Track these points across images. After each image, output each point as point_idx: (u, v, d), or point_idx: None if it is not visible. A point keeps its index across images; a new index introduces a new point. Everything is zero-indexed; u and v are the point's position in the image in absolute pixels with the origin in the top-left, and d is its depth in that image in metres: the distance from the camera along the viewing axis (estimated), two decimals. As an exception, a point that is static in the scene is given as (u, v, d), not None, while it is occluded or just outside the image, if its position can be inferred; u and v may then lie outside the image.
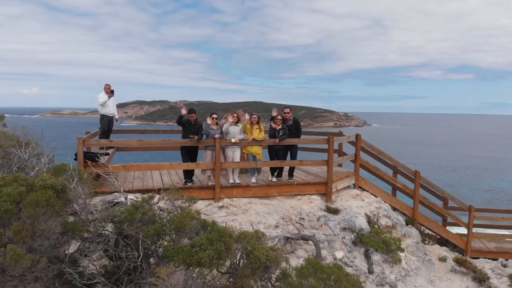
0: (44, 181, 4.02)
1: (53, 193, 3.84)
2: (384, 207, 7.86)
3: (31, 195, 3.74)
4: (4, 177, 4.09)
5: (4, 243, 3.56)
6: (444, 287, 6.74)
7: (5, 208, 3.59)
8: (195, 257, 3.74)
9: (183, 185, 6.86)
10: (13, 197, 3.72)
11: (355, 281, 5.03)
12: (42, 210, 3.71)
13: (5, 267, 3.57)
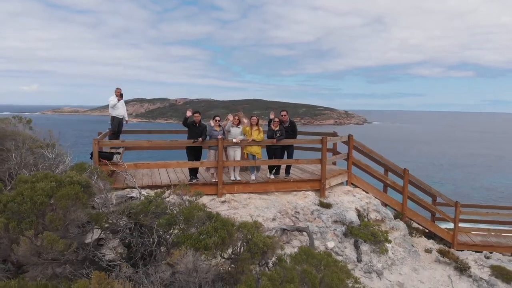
0: (71, 177, 4.63)
1: (80, 188, 4.45)
2: (374, 202, 8.48)
3: (62, 189, 4.35)
4: (36, 175, 4.70)
5: (40, 230, 4.18)
6: (427, 275, 7.37)
7: (41, 200, 4.21)
8: (202, 242, 4.35)
9: (189, 181, 7.48)
10: (46, 192, 4.33)
11: (342, 266, 5.66)
12: (71, 203, 4.33)
13: (41, 251, 4.19)
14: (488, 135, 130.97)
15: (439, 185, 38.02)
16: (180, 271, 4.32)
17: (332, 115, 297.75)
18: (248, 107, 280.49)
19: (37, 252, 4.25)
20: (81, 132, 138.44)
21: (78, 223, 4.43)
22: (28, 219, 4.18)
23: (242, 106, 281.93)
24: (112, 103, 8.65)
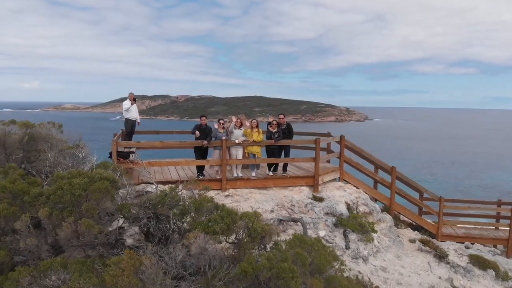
0: (101, 174, 5.51)
1: (109, 183, 5.34)
2: (363, 197, 9.37)
3: (94, 184, 5.24)
4: (71, 172, 5.58)
5: (78, 218, 5.06)
6: (409, 262, 8.25)
7: (78, 193, 5.09)
8: (211, 228, 5.24)
9: (196, 178, 8.37)
10: (82, 186, 5.22)
11: (330, 251, 6.56)
12: (102, 195, 5.22)
13: (79, 235, 5.07)
14: (487, 132, 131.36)
15: (439, 182, 38.98)
16: (193, 252, 5.22)
17: (333, 112, 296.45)
18: (249, 104, 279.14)
19: (76, 235, 5.14)
20: (84, 129, 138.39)
21: (107, 212, 5.31)
22: (68, 208, 5.07)
23: (244, 103, 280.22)
24: (126, 107, 9.53)
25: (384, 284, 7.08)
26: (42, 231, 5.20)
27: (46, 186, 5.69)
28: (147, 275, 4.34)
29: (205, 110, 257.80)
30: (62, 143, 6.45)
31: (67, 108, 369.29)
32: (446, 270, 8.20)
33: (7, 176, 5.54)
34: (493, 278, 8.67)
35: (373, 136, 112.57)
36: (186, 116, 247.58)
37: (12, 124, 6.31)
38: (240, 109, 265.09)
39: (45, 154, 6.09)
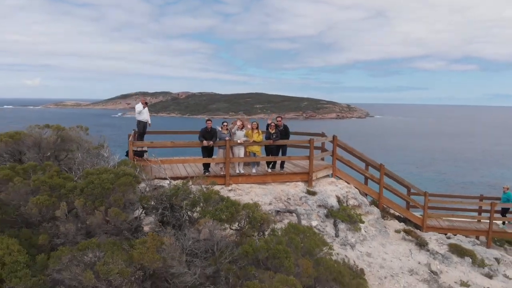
0: (124, 170, 6.50)
1: (132, 178, 6.32)
2: (352, 191, 10.35)
3: (120, 179, 6.23)
4: (99, 169, 6.57)
5: (107, 207, 6.06)
6: (392, 249, 9.24)
7: (107, 186, 6.08)
8: (218, 216, 6.22)
9: (203, 174, 9.36)
10: (109, 180, 6.20)
11: (320, 237, 7.57)
12: (127, 188, 6.21)
13: (109, 221, 6.06)
14: (487, 129, 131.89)
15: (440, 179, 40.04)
16: (203, 235, 6.20)
17: (334, 108, 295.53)
18: (250, 101, 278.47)
19: (105, 221, 6.14)
20: (89, 127, 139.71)
21: (130, 203, 6.30)
22: (99, 199, 6.05)
23: (244, 100, 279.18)
24: (139, 110, 10.52)
25: (368, 267, 8.07)
26: (76, 218, 6.19)
27: (77, 181, 6.67)
28: (167, 252, 5.34)
29: (206, 107, 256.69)
30: (88, 144, 7.43)
31: (68, 105, 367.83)
32: (425, 257, 9.20)
33: (45, 172, 6.52)
34: (469, 265, 9.67)
35: (374, 133, 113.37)
36: (187, 113, 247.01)
37: (46, 128, 7.29)
38: (241, 106, 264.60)
39: (74, 153, 7.08)
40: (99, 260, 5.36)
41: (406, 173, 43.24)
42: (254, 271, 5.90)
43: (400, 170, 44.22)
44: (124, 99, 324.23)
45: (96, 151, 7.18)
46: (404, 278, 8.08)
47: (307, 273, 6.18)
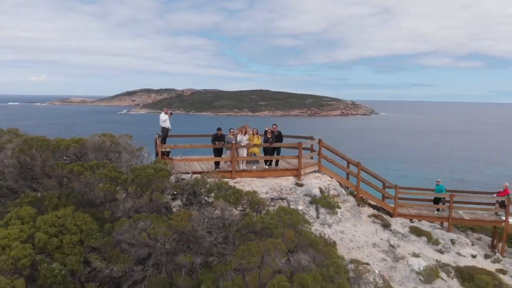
0: (161, 166, 9.13)
1: (167, 172, 8.95)
2: (333, 184, 12.91)
3: (159, 173, 8.86)
4: (143, 165, 9.21)
5: (151, 192, 8.69)
6: (362, 229, 11.80)
7: (151, 178, 8.72)
8: (227, 198, 8.83)
9: (214, 169, 11.97)
10: (152, 174, 8.85)
11: (302, 216, 10.14)
12: (164, 179, 8.84)
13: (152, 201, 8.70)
14: (489, 127, 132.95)
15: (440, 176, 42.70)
16: (218, 212, 8.81)
17: (339, 105, 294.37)
18: (254, 98, 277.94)
19: (150, 201, 8.77)
20: (98, 124, 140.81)
21: (165, 189, 8.93)
22: (145, 186, 8.67)
23: (249, 97, 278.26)
24: (164, 119, 13.17)
25: (340, 240, 10.64)
26: (129, 199, 8.82)
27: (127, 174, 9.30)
28: (194, 221, 7.97)
29: (211, 104, 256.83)
30: (132, 147, 10.04)
31: (74, 102, 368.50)
32: (388, 235, 11.75)
33: (105, 168, 9.14)
34: (425, 242, 12.22)
35: (376, 130, 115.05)
36: (192, 110, 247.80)
37: (103, 135, 9.90)
38: (245, 103, 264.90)
39: (121, 154, 9.73)
40: (147, 227, 8.01)
41: (405, 172, 45.75)
42: (253, 237, 8.52)
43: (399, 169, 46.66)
44: (129, 96, 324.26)
45: (138, 153, 9.83)
46: (367, 249, 10.65)
47: (290, 240, 8.78)
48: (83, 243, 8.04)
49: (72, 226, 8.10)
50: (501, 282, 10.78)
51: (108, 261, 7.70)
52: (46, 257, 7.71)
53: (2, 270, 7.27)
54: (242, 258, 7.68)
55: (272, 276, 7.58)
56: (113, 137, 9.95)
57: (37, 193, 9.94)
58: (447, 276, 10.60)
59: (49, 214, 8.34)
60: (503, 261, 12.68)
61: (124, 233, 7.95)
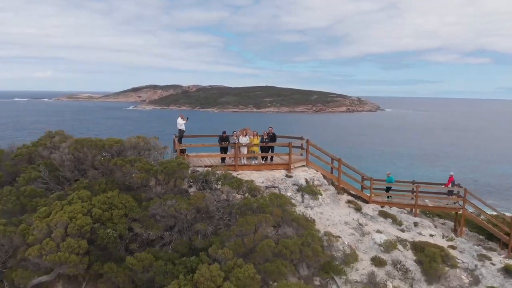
0: (182, 160, 12.20)
1: (187, 165, 12.02)
2: (317, 176, 15.88)
3: (180, 165, 11.93)
4: (168, 160, 12.28)
5: (175, 179, 11.76)
6: (338, 211, 14.77)
7: (175, 169, 11.80)
8: (231, 185, 11.88)
9: (221, 163, 15.00)
10: (175, 166, 11.92)
11: (289, 199, 13.17)
12: (184, 170, 11.91)
13: (176, 186, 11.77)
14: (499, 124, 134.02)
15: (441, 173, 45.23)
16: (224, 195, 11.85)
17: (345, 102, 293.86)
18: (260, 94, 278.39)
19: (174, 187, 11.84)
20: (107, 120, 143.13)
21: (185, 178, 12.00)
22: (171, 175, 11.73)
23: (254, 93, 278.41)
24: (181, 123, 16.27)
25: (319, 219, 13.62)
26: (159, 186, 11.90)
27: (156, 167, 12.36)
28: (207, 201, 11.03)
29: (216, 100, 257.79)
30: (158, 146, 13.11)
31: (80, 98, 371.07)
32: (358, 216, 14.73)
33: (140, 162, 12.20)
34: (390, 223, 15.17)
35: (378, 126, 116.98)
36: (197, 106, 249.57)
37: (138, 138, 12.98)
38: (251, 99, 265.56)
39: (150, 152, 12.82)
40: (174, 204, 11.08)
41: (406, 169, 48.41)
42: (250, 213, 11.53)
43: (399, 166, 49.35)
44: (135, 92, 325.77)
45: (163, 150, 12.92)
46: (340, 226, 13.64)
47: (278, 216, 11.79)
48: (127, 216, 11.15)
49: (119, 203, 11.21)
50: (448, 254, 13.69)
51: (146, 228, 10.81)
52: (101, 226, 10.81)
53: (70, 234, 10.41)
54: (241, 227, 10.77)
55: (262, 239, 10.65)
56: (145, 138, 13.04)
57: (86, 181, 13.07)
58: (403, 248, 13.57)
59: (100, 196, 11.46)
60: (456, 240, 15.62)
61: (156, 208, 11.05)
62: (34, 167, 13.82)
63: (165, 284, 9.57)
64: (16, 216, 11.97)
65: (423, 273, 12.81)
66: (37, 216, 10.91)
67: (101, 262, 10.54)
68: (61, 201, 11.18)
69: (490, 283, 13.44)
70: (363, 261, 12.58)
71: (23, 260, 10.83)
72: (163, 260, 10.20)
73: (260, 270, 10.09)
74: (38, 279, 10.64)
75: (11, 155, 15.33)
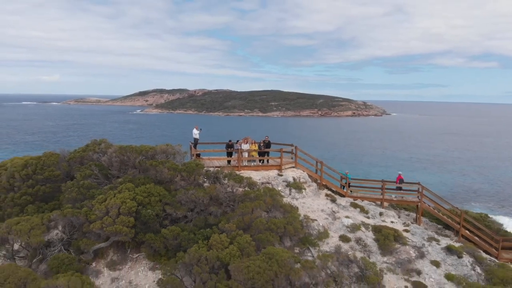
0: (199, 162, 16.69)
1: (202, 165, 16.50)
2: (303, 175, 20.26)
3: (198, 166, 16.42)
4: (189, 162, 16.78)
5: (194, 176, 16.23)
6: (318, 202, 19.09)
7: (194, 168, 16.29)
8: (235, 180, 16.31)
9: (227, 164, 19.44)
10: (194, 166, 16.41)
11: (278, 192, 17.63)
12: (201, 169, 16.40)
13: (194, 181, 16.24)
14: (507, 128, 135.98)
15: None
16: (229, 187, 16.28)
17: (350, 106, 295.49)
18: (266, 98, 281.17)
19: (194, 181, 16.30)
20: (117, 124, 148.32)
21: (201, 175, 16.46)
22: (191, 172, 16.18)
23: (260, 97, 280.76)
24: (195, 133, 20.78)
25: (301, 207, 17.96)
26: (183, 180, 16.35)
27: (180, 167, 16.81)
28: (218, 191, 15.51)
29: (222, 104, 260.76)
30: (181, 151, 17.63)
31: (88, 102, 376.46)
32: (333, 206, 19.06)
33: (168, 163, 16.66)
34: (358, 212, 19.48)
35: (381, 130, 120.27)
36: (203, 110, 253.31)
37: (167, 145, 17.50)
38: (257, 103, 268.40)
39: (175, 156, 17.33)
40: (193, 193, 15.56)
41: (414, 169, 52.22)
42: (248, 200, 15.95)
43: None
44: (142, 96, 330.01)
45: (185, 154, 17.44)
46: (317, 213, 17.97)
47: (269, 203, 16.20)
48: (161, 201, 15.61)
49: (155, 192, 15.69)
50: (400, 235, 17.93)
51: (174, 209, 15.27)
52: (143, 208, 15.27)
53: (122, 213, 14.88)
54: (242, 209, 15.19)
55: (257, 218, 15.05)
56: (171, 146, 17.56)
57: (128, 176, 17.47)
58: (365, 229, 17.87)
59: (141, 187, 15.94)
60: (411, 226, 19.84)
61: (182, 196, 15.53)
62: (87, 167, 18.41)
63: (189, 247, 14.00)
64: (78, 202, 16.52)
65: (379, 248, 17.08)
66: (96, 201, 15.47)
67: (143, 233, 15.03)
68: (113, 191, 15.72)
69: (434, 258, 17.66)
70: (333, 237, 16.92)
71: (86, 233, 15.35)
72: (187, 231, 14.66)
73: (255, 239, 14.47)
74: (98, 245, 15.16)
75: (66, 158, 19.95)
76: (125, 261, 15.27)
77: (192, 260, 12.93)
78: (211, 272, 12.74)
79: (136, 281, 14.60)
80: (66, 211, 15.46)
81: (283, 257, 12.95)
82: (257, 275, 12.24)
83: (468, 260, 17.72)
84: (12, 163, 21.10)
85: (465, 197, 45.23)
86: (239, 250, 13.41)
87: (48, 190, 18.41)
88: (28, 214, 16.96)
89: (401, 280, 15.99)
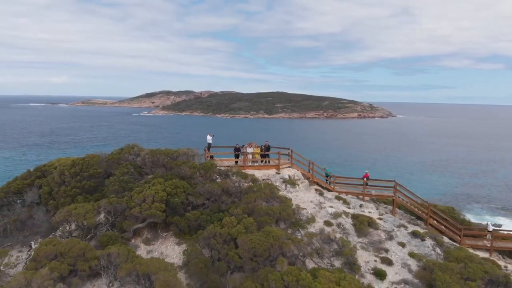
0: (212, 163, 21.34)
1: (216, 165, 21.15)
2: (297, 173, 24.83)
3: (213, 165, 21.08)
4: (205, 162, 21.45)
5: (210, 173, 20.87)
6: (308, 195, 23.60)
7: (210, 167, 20.95)
8: (241, 176, 20.93)
9: (235, 164, 24.06)
10: (209, 165, 21.07)
11: (276, 187, 22.30)
12: (215, 168, 21.05)
13: (210, 177, 20.88)
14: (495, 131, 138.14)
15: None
16: (235, 182, 20.89)
17: (356, 108, 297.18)
18: (271, 100, 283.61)
19: (209, 177, 20.94)
20: (126, 126, 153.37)
21: (214, 172, 21.08)
22: (208, 170, 20.79)
23: (266, 99, 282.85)
24: (209, 138, 25.47)
25: (294, 199, 22.49)
26: (201, 177, 20.95)
27: (198, 166, 21.42)
28: (228, 184, 20.17)
29: (228, 106, 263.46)
30: (199, 153, 22.25)
31: (95, 103, 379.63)
32: (320, 198, 23.57)
33: (189, 163, 21.29)
34: (341, 203, 23.99)
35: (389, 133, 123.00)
36: (209, 111, 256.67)
37: (188, 148, 22.13)
38: (262, 105, 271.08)
39: (194, 157, 21.97)
40: (209, 186, 20.28)
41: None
42: (252, 192, 20.62)
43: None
44: (149, 98, 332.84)
45: (201, 156, 22.11)
46: (307, 203, 22.50)
47: (268, 194, 20.89)
48: (185, 192, 20.29)
49: (180, 185, 20.38)
50: (374, 221, 22.36)
51: (195, 198, 19.96)
52: (171, 197, 19.96)
53: (156, 200, 19.58)
54: (247, 199, 19.83)
55: (258, 205, 19.66)
56: (191, 149, 22.23)
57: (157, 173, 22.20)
58: (345, 217, 22.36)
59: (169, 181, 20.63)
60: (385, 215, 24.26)
61: (200, 188, 20.24)
62: (124, 166, 23.16)
63: (206, 227, 18.61)
64: (120, 193, 21.21)
65: (355, 231, 21.54)
66: (135, 192, 20.18)
67: (171, 216, 19.68)
68: (148, 184, 20.42)
69: (401, 240, 22.05)
70: (319, 222, 21.44)
71: (127, 216, 20.02)
72: (205, 215, 19.30)
73: (256, 221, 19.03)
74: (137, 225, 19.86)
75: (105, 159, 24.70)
76: (156, 238, 19.94)
77: (209, 235, 17.56)
78: (224, 243, 17.35)
79: (166, 253, 19.24)
80: (112, 199, 20.18)
81: (277, 234, 17.52)
82: (257, 245, 16.80)
83: (430, 243, 22.07)
84: (60, 163, 26.04)
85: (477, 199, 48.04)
86: (245, 228, 18.00)
87: (93, 184, 23.20)
88: (79, 203, 21.72)
89: (372, 255, 20.43)
